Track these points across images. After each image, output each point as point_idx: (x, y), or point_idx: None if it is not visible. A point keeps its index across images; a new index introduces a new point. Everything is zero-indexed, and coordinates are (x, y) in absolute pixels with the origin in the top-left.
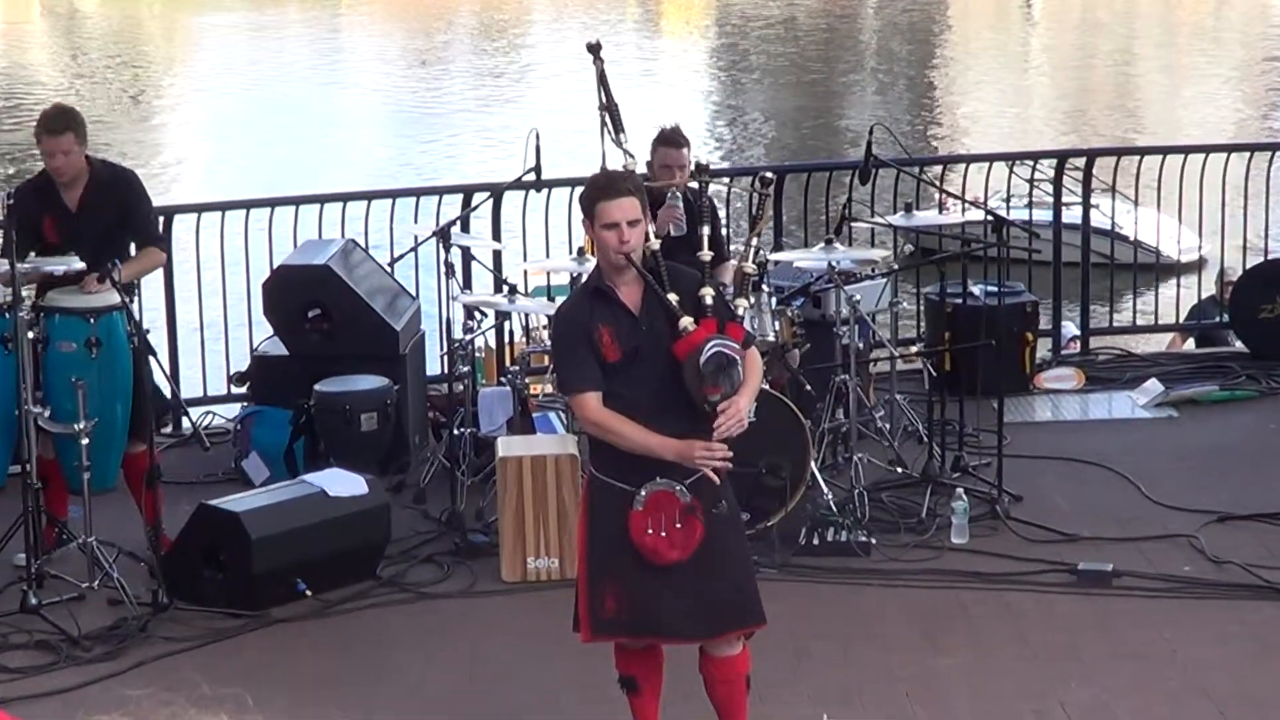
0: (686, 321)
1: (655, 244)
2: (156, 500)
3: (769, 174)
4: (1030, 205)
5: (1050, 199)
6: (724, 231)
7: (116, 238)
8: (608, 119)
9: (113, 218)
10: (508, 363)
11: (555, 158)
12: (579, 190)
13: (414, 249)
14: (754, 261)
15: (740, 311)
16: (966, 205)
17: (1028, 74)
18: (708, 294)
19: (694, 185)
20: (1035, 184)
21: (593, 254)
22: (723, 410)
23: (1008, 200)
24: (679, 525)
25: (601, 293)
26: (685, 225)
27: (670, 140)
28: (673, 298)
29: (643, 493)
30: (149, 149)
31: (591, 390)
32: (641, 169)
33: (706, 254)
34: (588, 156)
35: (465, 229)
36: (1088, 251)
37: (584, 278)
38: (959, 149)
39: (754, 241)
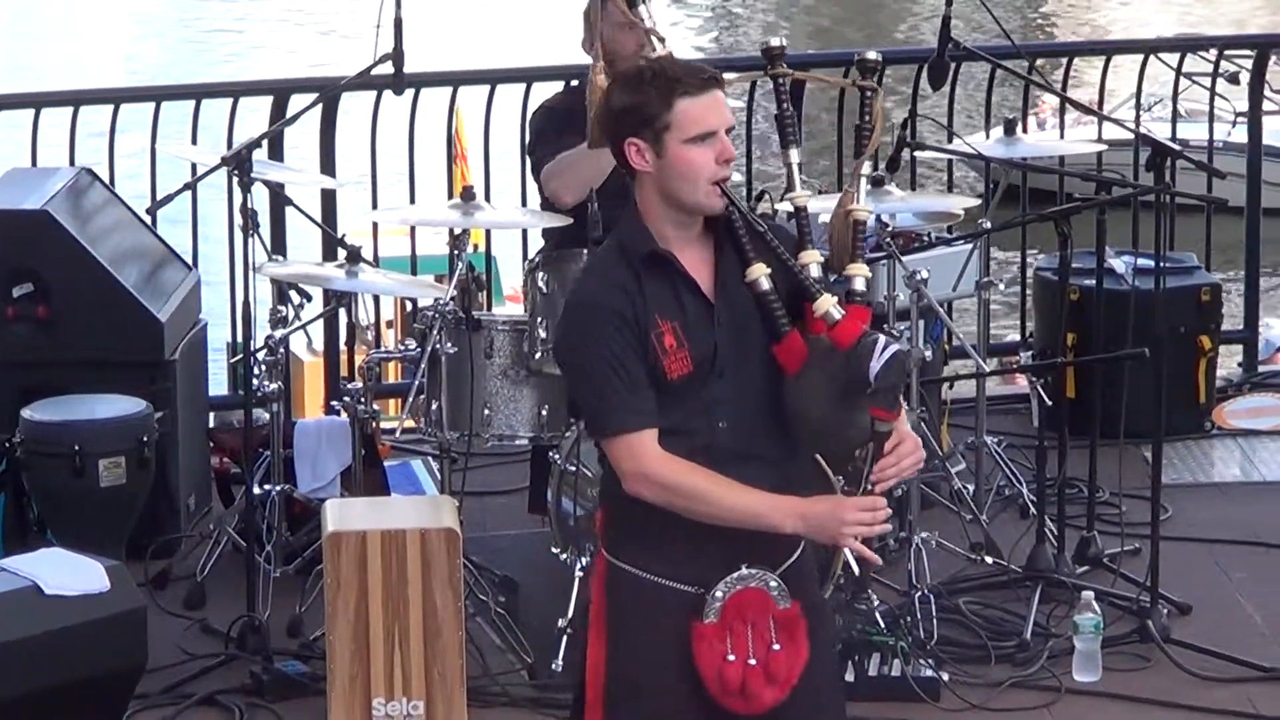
0: (828, 304)
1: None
2: None
3: (873, 55)
4: (1210, 122)
5: (1239, 113)
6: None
7: None
8: None
9: None
10: (344, 376)
11: (426, 41)
12: (475, 90)
13: (191, 185)
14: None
15: (860, 285)
16: (1105, 123)
17: None
18: (814, 261)
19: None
20: (1217, 90)
21: (541, 184)
22: (893, 448)
23: (1174, 116)
24: (777, 646)
25: (659, 260)
26: None
27: None
28: (760, 271)
29: (719, 593)
30: None
31: (650, 428)
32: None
33: (802, 195)
34: (485, 37)
35: (276, 155)
36: None
37: (469, 235)
38: (1094, 33)
39: (864, 169)
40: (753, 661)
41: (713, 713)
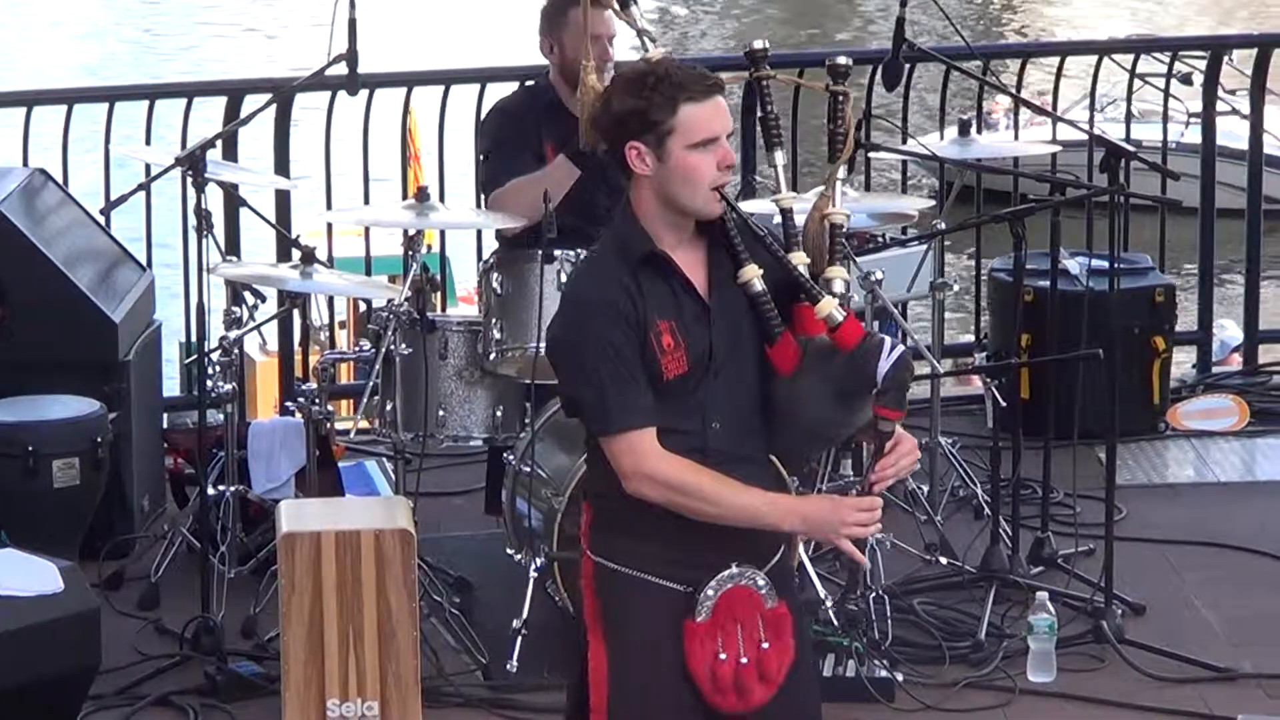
0: (830, 306)
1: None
2: None
3: (844, 59)
4: (1165, 124)
5: (1194, 114)
6: None
7: None
8: None
9: None
10: (298, 377)
11: (380, 41)
12: (430, 91)
13: (144, 186)
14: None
15: (840, 290)
16: (1059, 124)
17: None
18: (801, 263)
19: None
20: (1172, 91)
21: (488, 201)
22: (894, 446)
23: (1127, 117)
24: (765, 645)
25: (657, 259)
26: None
27: None
28: (753, 272)
29: (711, 591)
30: None
31: (651, 426)
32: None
33: (788, 196)
34: (439, 37)
35: (230, 155)
36: (1259, 199)
37: (423, 236)
38: (1049, 34)
39: (840, 174)
40: (744, 660)
41: (710, 713)
